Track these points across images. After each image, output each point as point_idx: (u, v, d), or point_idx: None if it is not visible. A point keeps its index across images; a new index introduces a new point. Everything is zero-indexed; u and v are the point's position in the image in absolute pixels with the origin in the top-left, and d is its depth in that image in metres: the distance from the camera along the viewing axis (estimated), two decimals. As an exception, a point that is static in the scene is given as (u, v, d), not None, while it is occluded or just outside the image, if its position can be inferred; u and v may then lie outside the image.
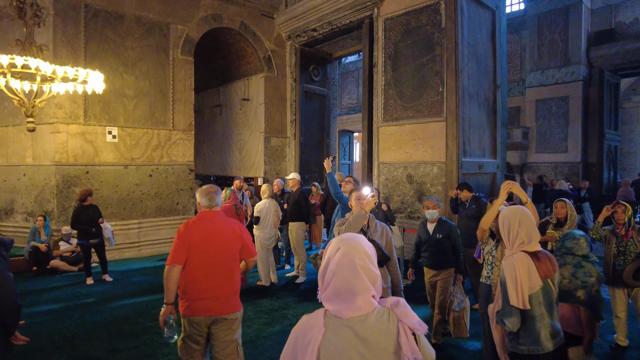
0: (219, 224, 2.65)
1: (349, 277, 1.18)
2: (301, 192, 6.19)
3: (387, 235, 2.94)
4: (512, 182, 2.89)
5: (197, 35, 8.24)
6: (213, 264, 2.54)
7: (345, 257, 1.20)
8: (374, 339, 1.16)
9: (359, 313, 1.18)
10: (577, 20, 12.88)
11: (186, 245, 2.51)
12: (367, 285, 1.19)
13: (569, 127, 13.12)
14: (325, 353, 1.15)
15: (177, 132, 8.04)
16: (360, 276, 1.19)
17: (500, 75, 7.18)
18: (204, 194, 2.69)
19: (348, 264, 1.19)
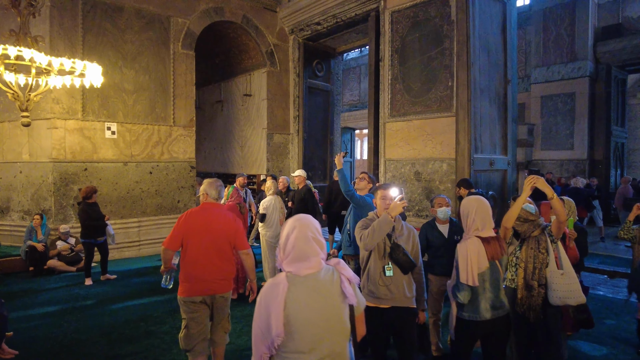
0: (217, 215, 2.95)
1: (305, 246, 1.63)
2: (307, 189, 5.99)
3: (414, 239, 2.70)
4: (537, 177, 2.68)
5: (198, 28, 8.01)
6: (210, 251, 2.85)
7: (301, 233, 1.64)
8: (324, 287, 1.61)
9: (312, 271, 1.62)
10: (584, 15, 12.65)
11: (182, 233, 2.85)
12: (317, 251, 1.65)
13: (575, 123, 12.90)
14: (290, 300, 1.55)
15: (178, 128, 7.82)
16: (312, 245, 1.65)
17: (511, 70, 6.97)
18: (213, 187, 2.99)
19: (303, 237, 1.64)
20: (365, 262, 2.68)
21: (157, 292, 5.33)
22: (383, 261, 2.57)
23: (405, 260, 2.51)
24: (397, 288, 2.55)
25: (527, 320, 2.69)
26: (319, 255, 1.66)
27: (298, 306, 1.56)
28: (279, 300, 1.55)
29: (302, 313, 1.56)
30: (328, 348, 1.58)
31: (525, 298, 2.69)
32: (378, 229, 2.46)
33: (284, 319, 1.54)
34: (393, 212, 2.45)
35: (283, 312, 1.54)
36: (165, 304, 4.88)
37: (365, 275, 2.67)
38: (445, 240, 3.42)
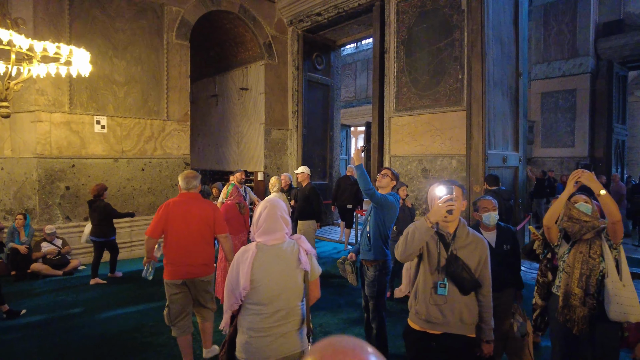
0: (194, 204, 3.21)
1: (272, 222, 2.02)
2: (312, 187, 5.62)
3: (482, 252, 2.13)
4: (583, 171, 2.36)
5: (193, 18, 7.58)
6: (188, 237, 3.12)
7: (271, 211, 2.03)
8: (285, 255, 1.99)
9: (277, 242, 2.01)
10: (585, 11, 12.45)
11: (163, 221, 3.10)
12: (282, 226, 2.05)
13: (576, 120, 12.71)
14: (256, 264, 1.94)
15: (172, 123, 7.40)
16: (279, 222, 2.04)
17: (522, 63, 6.69)
18: (182, 178, 3.27)
19: (272, 215, 2.03)
20: (414, 275, 2.27)
21: (152, 297, 4.93)
22: (436, 276, 2.12)
23: (465, 278, 2.06)
24: (451, 311, 2.08)
25: (569, 331, 2.38)
26: (283, 231, 2.06)
27: (262, 268, 1.96)
28: (248, 262, 1.96)
29: (264, 273, 1.94)
30: (283, 302, 1.95)
31: (567, 308, 2.37)
32: (411, 238, 2.05)
33: (250, 277, 1.94)
34: (432, 216, 2.00)
35: (250, 271, 1.94)
36: (161, 311, 4.47)
37: (413, 290, 2.24)
38: (492, 250, 2.70)
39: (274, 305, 1.93)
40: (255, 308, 1.95)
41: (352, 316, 4.46)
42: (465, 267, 2.08)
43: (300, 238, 2.12)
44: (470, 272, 2.08)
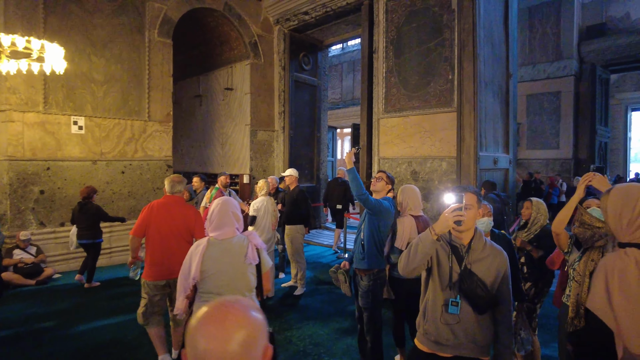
0: (177, 207, 3.32)
1: (224, 218, 2.32)
2: (300, 190, 5.43)
3: (500, 265, 1.91)
4: (594, 174, 2.22)
5: (176, 15, 7.32)
6: (171, 239, 3.22)
7: (223, 208, 2.33)
8: (234, 250, 2.28)
9: (228, 236, 2.31)
10: (569, 14, 12.58)
11: (146, 222, 3.22)
12: (233, 222, 2.34)
13: (561, 122, 12.82)
14: (206, 256, 2.24)
15: (154, 124, 7.12)
16: (230, 218, 2.34)
17: (512, 64, 6.63)
18: (168, 181, 3.41)
19: (224, 212, 2.33)
20: (423, 292, 2.05)
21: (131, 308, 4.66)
22: (447, 293, 1.90)
23: (480, 295, 1.83)
24: (464, 331, 1.87)
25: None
26: (233, 226, 2.33)
27: (211, 260, 2.22)
28: (199, 254, 2.22)
29: (213, 265, 2.18)
30: (231, 292, 2.11)
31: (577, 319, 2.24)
32: (414, 251, 1.87)
33: (200, 267, 2.20)
34: (438, 227, 1.80)
35: (200, 263, 2.21)
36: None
37: (422, 308, 2.03)
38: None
39: (223, 294, 2.08)
40: (206, 296, 2.22)
41: (343, 325, 4.29)
42: (481, 284, 1.86)
43: (252, 234, 2.41)
44: (486, 289, 1.85)
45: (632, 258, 1.58)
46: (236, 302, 0.90)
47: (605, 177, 2.19)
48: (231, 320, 0.84)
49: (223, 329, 0.83)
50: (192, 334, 0.84)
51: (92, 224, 5.46)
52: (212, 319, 0.85)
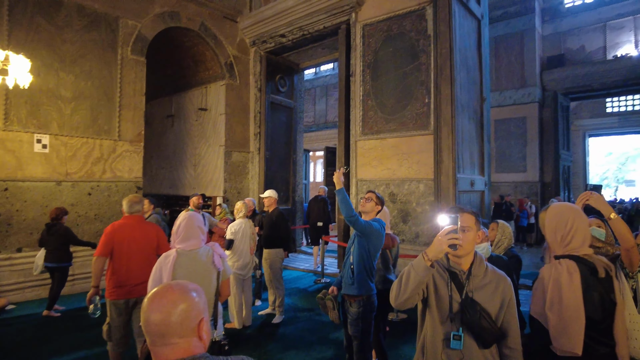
0: (137, 226, 3.37)
1: (190, 231, 2.52)
2: (279, 212, 5.26)
3: (505, 292, 1.74)
4: (592, 193, 2.21)
5: (151, 33, 7.16)
6: (132, 258, 3.26)
7: (189, 222, 2.55)
8: (201, 259, 2.52)
9: (194, 247, 2.52)
10: (531, 45, 13.27)
11: (110, 242, 3.23)
12: (199, 235, 2.56)
13: (527, 147, 13.31)
14: (177, 266, 2.44)
15: (124, 143, 6.82)
16: (196, 231, 2.55)
17: (485, 88, 6.83)
18: (126, 201, 3.45)
19: (190, 225, 2.54)
20: (419, 325, 1.86)
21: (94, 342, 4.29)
22: (448, 325, 1.71)
23: (484, 327, 1.66)
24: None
25: None
26: (199, 238, 2.55)
27: (182, 268, 2.43)
28: (169, 265, 2.42)
29: (184, 272, 2.38)
30: None
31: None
32: (406, 280, 1.68)
33: (172, 277, 2.37)
34: (431, 251, 1.62)
35: (172, 272, 2.40)
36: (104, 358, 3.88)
37: (419, 343, 1.82)
38: None
39: None
40: None
41: (326, 355, 4.08)
42: (485, 314, 1.68)
43: (215, 245, 2.67)
44: (490, 320, 1.67)
45: (565, 267, 1.79)
46: (177, 284, 1.16)
47: (602, 195, 2.17)
48: (172, 297, 1.11)
49: (166, 303, 1.10)
50: (144, 309, 1.11)
51: (60, 247, 5.12)
52: (158, 296, 1.12)
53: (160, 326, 1.08)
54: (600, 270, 1.78)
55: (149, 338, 1.10)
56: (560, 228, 1.85)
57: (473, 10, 6.44)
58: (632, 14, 12.35)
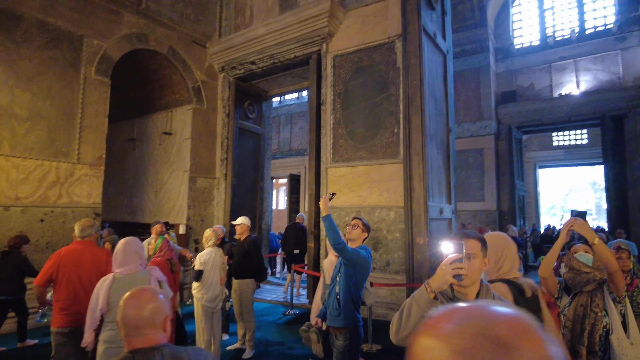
0: (87, 252, 3.30)
1: (128, 256, 2.69)
2: (252, 240, 5.09)
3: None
4: (575, 219, 2.28)
5: (117, 54, 6.93)
6: (78, 284, 3.17)
7: (127, 247, 2.71)
8: (138, 282, 2.58)
9: (132, 271, 2.67)
10: (486, 81, 14.09)
11: (53, 269, 3.15)
12: (136, 259, 2.72)
13: (485, 177, 13.90)
14: (112, 289, 2.55)
15: (83, 167, 6.43)
16: (133, 256, 2.71)
17: (450, 119, 7.10)
18: (78, 225, 3.40)
19: (128, 250, 2.70)
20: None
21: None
22: None
23: None
24: None
25: None
26: (137, 263, 2.68)
27: (118, 292, 2.46)
28: (105, 288, 2.55)
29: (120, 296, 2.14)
30: None
31: None
32: (407, 314, 1.55)
33: (107, 299, 2.50)
34: (434, 282, 1.52)
35: (107, 295, 2.52)
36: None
37: None
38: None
39: None
40: (111, 325, 2.50)
41: (303, 390, 3.88)
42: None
43: (154, 268, 2.83)
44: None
45: (498, 290, 1.92)
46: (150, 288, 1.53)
47: (586, 222, 2.24)
48: (146, 297, 1.44)
49: (141, 302, 1.41)
50: (121, 307, 1.43)
51: (15, 278, 4.78)
52: (134, 297, 1.45)
53: (136, 319, 1.39)
54: (527, 291, 1.92)
55: (124, 331, 1.41)
56: (493, 255, 1.99)
57: (440, 45, 6.76)
58: (573, 57, 13.46)
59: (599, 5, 13.24)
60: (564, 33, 13.71)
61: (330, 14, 7.04)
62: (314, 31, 7.30)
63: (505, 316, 0.54)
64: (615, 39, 12.68)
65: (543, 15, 14.11)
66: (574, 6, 13.55)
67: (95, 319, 2.51)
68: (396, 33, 6.50)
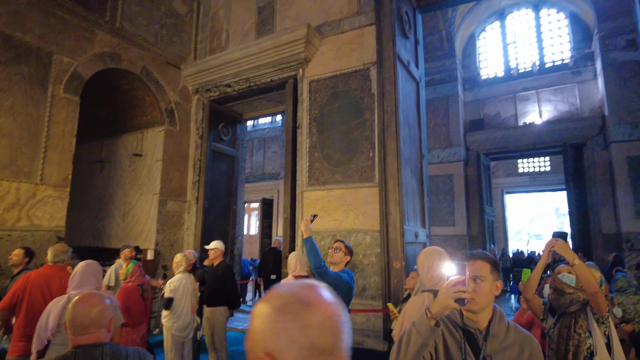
0: (57, 277, 3.22)
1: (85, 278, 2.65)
2: (226, 266, 4.92)
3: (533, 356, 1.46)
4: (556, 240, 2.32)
5: (88, 72, 6.75)
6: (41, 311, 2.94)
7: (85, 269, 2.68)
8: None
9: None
10: (455, 109, 14.61)
11: (19, 293, 3.07)
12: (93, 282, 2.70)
13: (455, 202, 14.21)
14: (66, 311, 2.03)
15: (47, 188, 6.11)
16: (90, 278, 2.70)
17: (423, 145, 7.25)
18: (52, 249, 3.38)
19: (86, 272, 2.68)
20: None
21: None
22: None
23: None
24: None
25: None
26: (93, 286, 2.66)
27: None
28: (58, 309, 2.48)
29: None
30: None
31: None
32: (406, 342, 1.43)
33: (58, 321, 2.43)
34: (434, 308, 1.39)
35: (59, 317, 2.44)
36: None
37: None
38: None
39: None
40: (60, 348, 2.41)
41: None
42: None
43: (109, 293, 2.84)
44: None
45: (426, 298, 2.14)
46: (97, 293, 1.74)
47: (567, 243, 2.28)
48: (93, 300, 1.65)
49: (89, 304, 1.62)
50: (70, 309, 1.63)
51: None
52: (82, 300, 1.65)
53: (83, 319, 1.58)
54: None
55: (71, 330, 1.59)
56: (426, 267, 2.24)
57: (413, 73, 6.97)
58: (535, 88, 14.20)
59: (555, 42, 14.13)
60: (526, 65, 14.48)
61: (307, 40, 7.16)
62: (291, 56, 7.38)
63: (310, 286, 0.81)
64: (572, 73, 13.50)
65: (506, 48, 14.89)
66: (533, 41, 14.40)
67: (42, 340, 2.45)
68: (371, 60, 6.66)
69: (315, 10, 7.57)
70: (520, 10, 14.75)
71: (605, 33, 12.03)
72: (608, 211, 11.76)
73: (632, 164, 11.10)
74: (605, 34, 12.02)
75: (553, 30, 14.20)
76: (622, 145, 11.32)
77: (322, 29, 7.36)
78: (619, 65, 11.70)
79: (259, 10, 8.38)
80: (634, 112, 11.22)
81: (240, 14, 8.63)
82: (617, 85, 11.60)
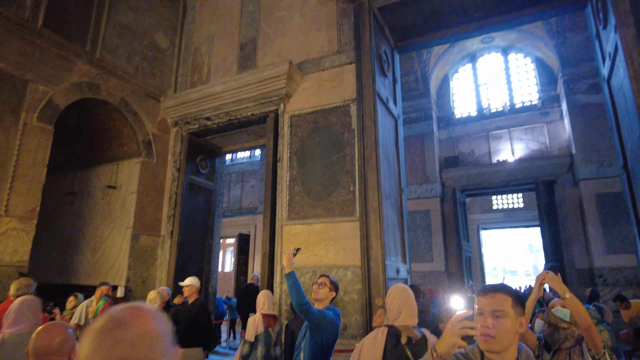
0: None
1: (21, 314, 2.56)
2: (201, 303, 4.69)
3: None
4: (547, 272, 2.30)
5: (64, 102, 6.60)
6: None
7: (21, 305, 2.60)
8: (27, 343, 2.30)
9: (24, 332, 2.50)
10: (430, 146, 14.97)
11: None
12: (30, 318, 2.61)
13: (432, 238, 14.27)
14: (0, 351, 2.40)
15: (11, 220, 5.79)
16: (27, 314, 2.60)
17: (402, 180, 7.32)
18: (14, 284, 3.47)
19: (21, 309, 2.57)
20: None
21: None
22: None
23: None
24: None
25: None
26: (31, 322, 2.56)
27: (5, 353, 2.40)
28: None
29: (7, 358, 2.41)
30: None
31: None
32: None
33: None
34: (440, 346, 1.30)
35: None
36: None
37: None
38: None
39: None
40: None
41: None
42: None
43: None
44: None
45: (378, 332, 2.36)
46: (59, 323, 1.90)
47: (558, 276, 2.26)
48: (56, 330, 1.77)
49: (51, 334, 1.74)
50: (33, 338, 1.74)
51: None
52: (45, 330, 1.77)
53: (45, 348, 1.66)
54: (403, 337, 2.22)
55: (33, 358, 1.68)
56: (389, 302, 2.45)
57: (391, 110, 7.13)
58: (507, 127, 14.78)
59: (524, 84, 14.89)
60: (498, 105, 15.12)
61: (288, 76, 7.27)
62: (272, 91, 7.46)
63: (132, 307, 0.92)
64: (540, 114, 14.17)
65: (478, 89, 15.57)
66: (503, 83, 15.13)
67: None
68: (351, 97, 6.79)
69: (296, 48, 7.75)
70: (491, 54, 15.56)
71: (569, 77, 12.77)
72: (580, 246, 12.04)
73: (600, 200, 11.50)
74: (569, 78, 12.77)
75: (521, 73, 14.99)
76: (590, 183, 11.76)
77: (303, 66, 7.51)
78: (584, 107, 12.37)
79: (241, 46, 8.52)
80: (599, 151, 11.76)
81: (223, 49, 8.74)
82: (583, 126, 12.21)
